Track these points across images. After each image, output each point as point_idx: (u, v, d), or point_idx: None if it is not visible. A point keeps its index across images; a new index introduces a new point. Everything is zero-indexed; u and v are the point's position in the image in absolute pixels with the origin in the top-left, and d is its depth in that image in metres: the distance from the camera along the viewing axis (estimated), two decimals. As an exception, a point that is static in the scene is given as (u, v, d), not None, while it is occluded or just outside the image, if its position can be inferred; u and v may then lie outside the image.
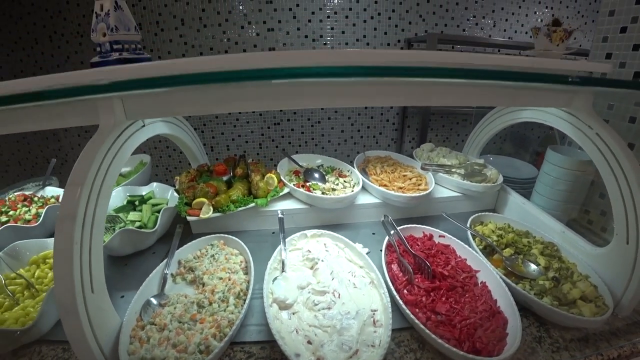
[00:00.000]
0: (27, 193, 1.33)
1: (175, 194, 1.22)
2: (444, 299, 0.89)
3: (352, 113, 2.14)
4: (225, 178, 1.25)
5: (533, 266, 0.96)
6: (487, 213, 1.19)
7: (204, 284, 0.93)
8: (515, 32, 2.03)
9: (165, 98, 0.81)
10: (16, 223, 1.13)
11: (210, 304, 0.86)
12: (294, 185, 1.26)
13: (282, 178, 1.27)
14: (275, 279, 0.93)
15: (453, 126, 2.25)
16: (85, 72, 0.71)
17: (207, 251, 1.05)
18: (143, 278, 0.93)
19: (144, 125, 0.95)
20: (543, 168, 1.20)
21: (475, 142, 1.44)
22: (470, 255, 1.01)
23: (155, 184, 1.33)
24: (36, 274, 0.96)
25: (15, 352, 0.81)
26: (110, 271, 1.05)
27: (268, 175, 1.24)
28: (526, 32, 2.06)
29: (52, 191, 1.41)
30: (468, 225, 1.13)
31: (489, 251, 1.06)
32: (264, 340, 0.82)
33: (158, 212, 1.17)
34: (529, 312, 0.90)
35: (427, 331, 0.76)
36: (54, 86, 0.73)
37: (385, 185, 1.26)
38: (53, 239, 1.07)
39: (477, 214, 1.18)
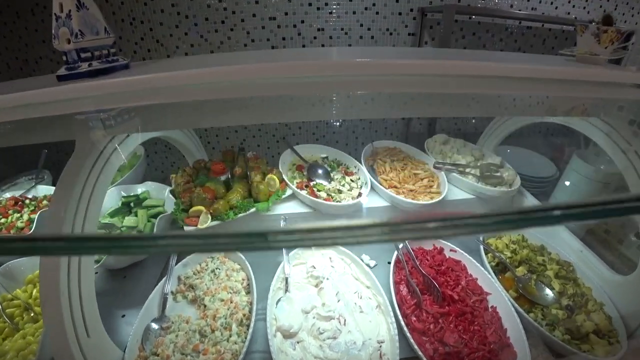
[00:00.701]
0: (17, 195, 1.26)
1: (172, 196, 1.14)
2: (452, 325, 0.86)
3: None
4: (223, 178, 1.16)
5: (547, 291, 0.93)
6: (501, 222, 1.13)
7: (205, 306, 0.90)
8: (540, 1, 1.76)
9: (151, 112, 0.70)
10: (9, 232, 1.07)
11: (213, 331, 0.84)
12: (296, 184, 1.17)
13: (284, 177, 1.18)
14: (279, 300, 0.90)
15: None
16: (50, 91, 0.60)
17: (207, 265, 1.00)
18: (143, 294, 0.90)
19: (128, 135, 0.84)
20: (567, 176, 1.11)
21: (495, 133, 1.33)
22: (482, 274, 0.97)
23: (150, 183, 1.25)
24: (34, 294, 0.93)
25: None
26: (109, 285, 1.02)
27: (269, 176, 1.15)
28: (551, 2, 1.79)
29: (44, 190, 1.33)
30: (481, 238, 1.07)
31: (501, 268, 1.02)
32: (269, 371, 0.81)
33: (154, 216, 1.11)
34: (537, 340, 0.88)
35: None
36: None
37: (395, 187, 1.18)
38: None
39: (490, 223, 1.11)
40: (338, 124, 2.00)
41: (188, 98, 0.63)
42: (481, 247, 1.04)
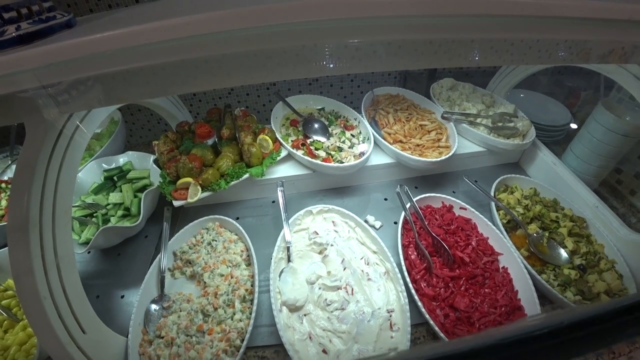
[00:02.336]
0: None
1: (156, 166, 1.03)
2: (463, 289, 0.84)
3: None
4: (210, 142, 1.04)
5: (560, 250, 0.89)
6: (513, 175, 1.06)
7: (205, 283, 0.85)
8: None
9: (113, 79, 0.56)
10: None
11: (215, 309, 0.80)
12: (292, 143, 1.07)
13: (277, 136, 1.06)
14: (282, 272, 0.86)
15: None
16: None
17: (202, 237, 0.94)
18: (139, 270, 0.87)
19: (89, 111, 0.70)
20: (587, 126, 1.01)
21: (508, 78, 1.19)
22: (493, 233, 0.93)
23: (132, 152, 1.13)
24: None
25: None
26: (104, 266, 0.96)
27: (261, 136, 1.04)
28: None
29: None
30: (492, 192, 1.01)
31: (512, 225, 0.97)
32: (277, 344, 0.79)
33: (141, 189, 1.01)
34: (547, 300, 0.86)
35: (442, 334, 0.73)
36: None
37: (400, 142, 1.08)
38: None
39: (502, 177, 1.04)
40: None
41: (159, 60, 0.49)
42: (492, 203, 0.98)
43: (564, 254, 0.88)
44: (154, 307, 0.82)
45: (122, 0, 1.16)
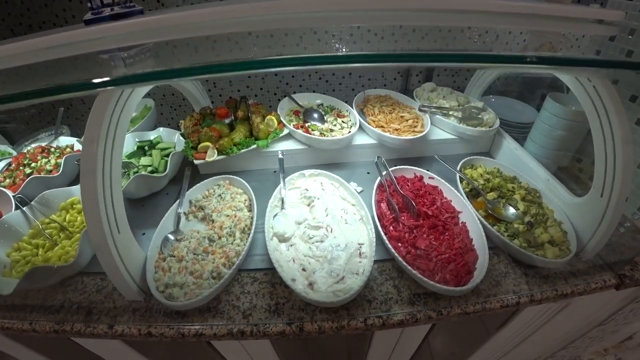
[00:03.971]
0: (42, 144, 1.42)
1: (182, 138, 1.28)
2: (425, 235, 1.00)
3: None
4: (227, 121, 1.30)
5: (512, 210, 1.05)
6: (479, 157, 1.24)
7: (213, 221, 1.05)
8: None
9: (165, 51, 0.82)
10: (40, 174, 1.24)
11: (220, 238, 0.99)
12: (293, 126, 1.30)
13: (282, 119, 1.31)
14: (276, 215, 1.05)
15: (463, 59, 2.14)
16: (80, 32, 0.73)
17: (214, 191, 1.15)
18: (160, 217, 1.05)
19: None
20: (540, 116, 1.21)
21: (479, 82, 1.42)
22: (456, 197, 1.09)
23: (161, 128, 1.39)
24: (67, 219, 1.10)
25: (63, 282, 0.98)
26: (130, 212, 1.15)
27: (268, 117, 1.28)
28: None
29: (66, 141, 1.50)
30: (458, 168, 1.19)
31: (474, 194, 1.14)
32: (267, 268, 0.96)
33: (167, 156, 1.25)
34: (501, 251, 1.01)
35: (404, 263, 0.88)
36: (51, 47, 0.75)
37: (381, 127, 1.30)
38: (77, 186, 1.19)
39: (469, 157, 1.23)
40: (334, 76, 2.11)
41: (195, 34, 0.74)
42: (457, 175, 1.15)
43: (515, 212, 1.04)
44: (169, 236, 1.01)
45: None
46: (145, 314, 0.89)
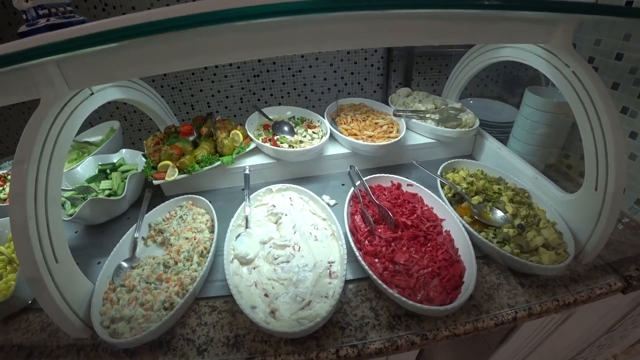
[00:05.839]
0: (2, 172, 1.35)
1: (143, 159, 1.20)
2: (404, 248, 0.89)
3: (334, 59, 1.99)
4: (191, 138, 1.22)
5: (500, 213, 0.95)
6: (460, 160, 1.15)
7: (171, 245, 0.95)
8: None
9: (107, 59, 0.75)
10: None
11: (176, 263, 0.89)
12: (261, 140, 1.22)
13: (249, 133, 1.23)
14: (239, 235, 0.94)
15: (442, 68, 2.08)
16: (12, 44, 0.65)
17: (176, 213, 1.06)
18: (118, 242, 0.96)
19: (92, 93, 0.90)
20: (521, 111, 1.13)
21: (454, 84, 1.35)
22: (437, 204, 0.99)
23: (124, 150, 1.31)
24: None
25: (6, 321, 0.87)
26: (87, 240, 1.08)
27: (233, 131, 1.21)
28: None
29: None
30: (439, 172, 1.10)
31: (458, 199, 1.04)
32: (227, 295, 0.85)
33: (128, 177, 1.17)
34: (492, 260, 0.90)
35: (379, 281, 0.77)
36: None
37: (354, 135, 1.22)
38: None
39: (449, 161, 1.14)
40: (313, 92, 2.06)
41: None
42: (438, 180, 1.06)
43: (504, 216, 0.94)
44: (123, 264, 0.91)
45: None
46: (90, 354, 0.78)
